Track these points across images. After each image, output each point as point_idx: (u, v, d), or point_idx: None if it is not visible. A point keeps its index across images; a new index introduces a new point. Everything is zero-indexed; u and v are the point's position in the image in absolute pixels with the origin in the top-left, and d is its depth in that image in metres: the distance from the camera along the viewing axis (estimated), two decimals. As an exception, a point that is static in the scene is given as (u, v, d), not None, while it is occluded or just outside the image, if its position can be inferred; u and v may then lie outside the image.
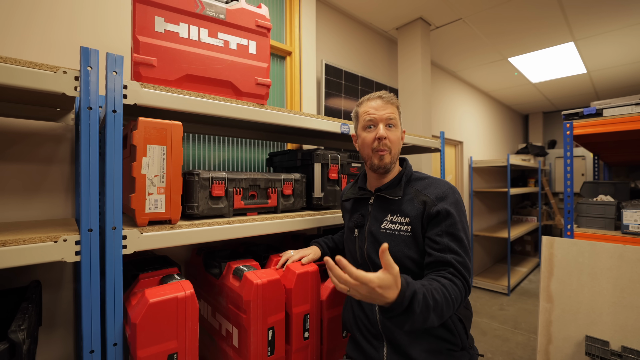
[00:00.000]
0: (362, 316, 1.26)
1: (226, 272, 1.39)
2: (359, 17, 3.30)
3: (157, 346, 1.02)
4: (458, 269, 1.07)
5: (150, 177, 1.12)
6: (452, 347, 1.16)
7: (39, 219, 1.45)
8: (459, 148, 5.21)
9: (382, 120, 1.24)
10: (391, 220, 1.22)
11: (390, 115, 1.24)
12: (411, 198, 1.22)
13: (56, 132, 1.51)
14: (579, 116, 2.12)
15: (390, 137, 1.24)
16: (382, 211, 1.27)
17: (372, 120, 1.25)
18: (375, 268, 1.23)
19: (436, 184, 1.23)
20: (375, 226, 1.26)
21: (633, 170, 4.13)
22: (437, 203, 1.15)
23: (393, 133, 1.25)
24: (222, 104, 1.32)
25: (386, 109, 1.25)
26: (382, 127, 1.23)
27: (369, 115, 1.26)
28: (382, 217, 1.25)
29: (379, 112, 1.25)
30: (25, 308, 1.01)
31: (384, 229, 1.23)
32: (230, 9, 1.43)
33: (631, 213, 1.95)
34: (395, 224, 1.21)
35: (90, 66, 0.99)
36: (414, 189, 1.24)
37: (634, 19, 3.33)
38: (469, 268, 1.10)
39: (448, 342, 1.15)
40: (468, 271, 1.09)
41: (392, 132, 1.25)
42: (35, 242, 0.93)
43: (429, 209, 1.16)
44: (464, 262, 1.09)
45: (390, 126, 1.25)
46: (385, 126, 1.24)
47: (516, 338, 3.39)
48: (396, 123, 1.27)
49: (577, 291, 1.68)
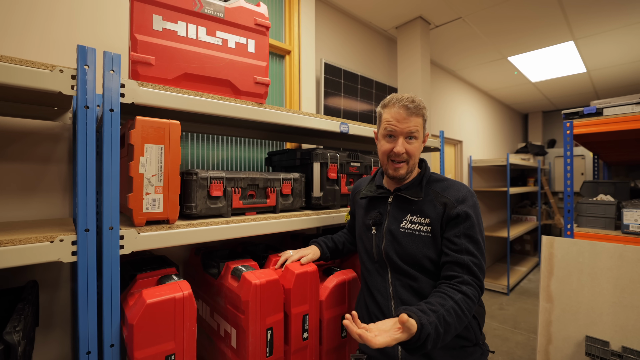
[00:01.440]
0: (377, 312, 1.27)
1: (224, 272, 1.39)
2: (359, 16, 3.29)
3: (154, 347, 1.01)
4: (473, 271, 1.10)
5: (148, 176, 1.11)
6: (466, 344, 1.18)
7: (36, 218, 1.44)
8: (458, 147, 5.20)
9: (403, 133, 1.21)
10: (411, 220, 1.23)
11: (412, 129, 1.20)
12: (431, 199, 1.22)
13: (54, 131, 1.50)
14: (579, 115, 2.11)
15: (410, 149, 1.21)
16: (401, 211, 1.27)
17: (393, 132, 1.22)
18: (392, 265, 1.24)
19: (455, 187, 1.23)
20: (395, 225, 1.26)
21: (632, 169, 4.13)
22: (457, 205, 1.17)
23: (413, 145, 1.22)
24: (220, 103, 1.31)
25: (409, 122, 1.20)
26: (401, 141, 1.21)
27: (390, 126, 1.22)
28: (402, 217, 1.25)
29: (401, 125, 1.20)
30: (22, 309, 1.00)
31: (404, 228, 1.23)
32: (229, 7, 1.42)
33: (631, 213, 1.94)
34: (415, 224, 1.21)
35: (87, 65, 0.98)
36: (434, 190, 1.24)
37: (634, 18, 3.32)
38: (483, 269, 1.13)
39: (464, 338, 1.17)
40: (482, 272, 1.12)
41: (412, 144, 1.22)
42: (32, 243, 0.92)
43: (449, 211, 1.17)
44: (479, 264, 1.12)
45: (411, 138, 1.22)
46: (405, 139, 1.21)
47: (516, 338, 3.39)
48: (418, 135, 1.23)
49: (577, 291, 1.68)
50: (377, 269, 1.30)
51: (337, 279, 1.46)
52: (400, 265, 1.21)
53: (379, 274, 1.29)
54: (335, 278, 1.46)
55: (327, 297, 1.41)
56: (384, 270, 1.27)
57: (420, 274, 1.19)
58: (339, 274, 1.49)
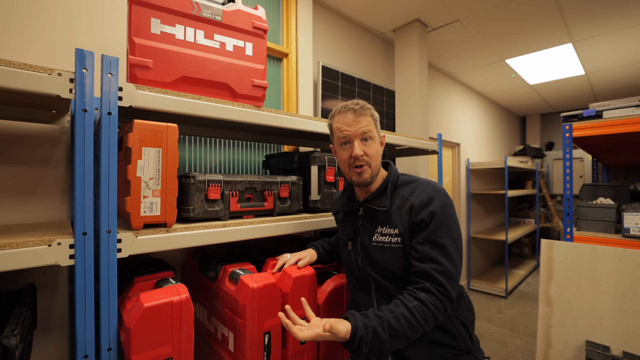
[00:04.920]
0: None
1: (222, 276, 1.38)
2: (356, 19, 3.30)
3: (152, 351, 1.00)
4: (436, 279, 1.05)
5: (146, 179, 1.11)
6: (457, 352, 1.15)
7: (34, 221, 1.44)
8: (456, 150, 5.21)
9: (357, 135, 1.18)
10: (381, 232, 1.19)
11: (365, 129, 1.18)
12: (399, 207, 1.18)
13: (52, 135, 1.50)
14: (579, 118, 2.12)
15: (368, 151, 1.18)
16: (372, 223, 1.24)
17: (346, 137, 1.20)
18: (373, 280, 1.21)
19: (421, 188, 1.18)
20: (367, 239, 1.23)
21: (632, 172, 4.13)
22: (421, 210, 1.12)
23: (370, 147, 1.19)
24: (218, 106, 1.31)
25: (359, 122, 1.18)
26: (357, 144, 1.18)
27: (342, 132, 1.20)
28: (373, 229, 1.22)
29: (352, 127, 1.18)
30: (19, 312, 1.00)
31: (375, 242, 1.20)
32: (227, 10, 1.43)
33: (632, 216, 1.94)
34: (386, 236, 1.18)
35: (86, 68, 0.98)
36: (401, 195, 1.20)
37: (633, 21, 3.34)
38: (450, 275, 1.06)
39: (453, 347, 1.14)
40: (450, 278, 1.06)
41: (369, 146, 1.19)
42: (29, 246, 0.92)
43: (414, 217, 1.13)
44: (444, 270, 1.05)
45: (367, 140, 1.19)
46: (360, 141, 1.19)
47: (514, 342, 3.38)
48: (373, 135, 1.20)
49: (577, 295, 1.68)
50: (360, 285, 1.28)
51: (334, 283, 1.45)
52: (379, 280, 1.19)
53: (363, 290, 1.27)
54: (333, 282, 1.46)
55: (324, 300, 1.40)
56: (367, 285, 1.25)
57: (400, 287, 1.15)
58: (336, 277, 1.49)
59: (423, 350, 1.12)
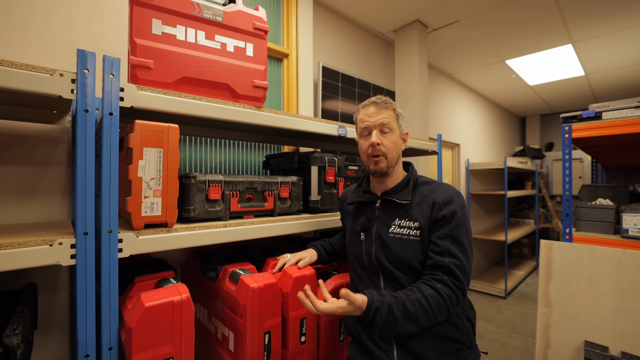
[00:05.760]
0: None
1: (222, 276, 1.39)
2: (356, 20, 3.30)
3: (152, 350, 1.01)
4: (454, 273, 1.09)
5: (147, 180, 1.12)
6: (460, 347, 1.18)
7: (35, 221, 1.44)
8: (456, 151, 5.22)
9: (375, 126, 1.25)
10: (399, 225, 1.23)
11: (384, 121, 1.24)
12: (419, 202, 1.22)
13: (53, 135, 1.50)
14: (578, 119, 2.12)
15: (385, 142, 1.24)
16: (389, 215, 1.27)
17: (367, 127, 1.27)
18: (384, 270, 1.23)
19: (442, 188, 1.24)
20: (384, 230, 1.25)
21: (631, 173, 4.13)
22: (443, 207, 1.17)
23: (388, 138, 1.25)
24: (219, 106, 1.32)
25: (380, 114, 1.25)
26: (374, 133, 1.24)
27: (363, 123, 1.28)
28: (390, 221, 1.25)
29: (372, 118, 1.26)
30: (20, 312, 1.00)
31: (393, 233, 1.23)
32: (228, 11, 1.43)
33: (631, 217, 1.94)
34: (404, 228, 1.21)
35: (87, 69, 0.99)
36: (421, 193, 1.25)
37: (633, 22, 3.34)
38: (466, 271, 1.12)
39: (458, 342, 1.17)
40: (465, 274, 1.11)
41: (386, 137, 1.25)
42: (30, 246, 0.93)
43: (435, 213, 1.18)
44: (462, 266, 1.11)
45: (385, 132, 1.25)
46: (378, 132, 1.25)
47: (513, 342, 3.38)
48: (392, 127, 1.26)
49: (576, 296, 1.68)
50: (368, 275, 1.30)
51: (334, 283, 1.46)
52: (391, 270, 1.21)
53: (371, 281, 1.28)
54: (333, 282, 1.46)
55: (325, 300, 1.40)
56: (376, 276, 1.27)
57: (412, 279, 1.19)
58: (336, 277, 1.49)
59: (429, 343, 1.14)
